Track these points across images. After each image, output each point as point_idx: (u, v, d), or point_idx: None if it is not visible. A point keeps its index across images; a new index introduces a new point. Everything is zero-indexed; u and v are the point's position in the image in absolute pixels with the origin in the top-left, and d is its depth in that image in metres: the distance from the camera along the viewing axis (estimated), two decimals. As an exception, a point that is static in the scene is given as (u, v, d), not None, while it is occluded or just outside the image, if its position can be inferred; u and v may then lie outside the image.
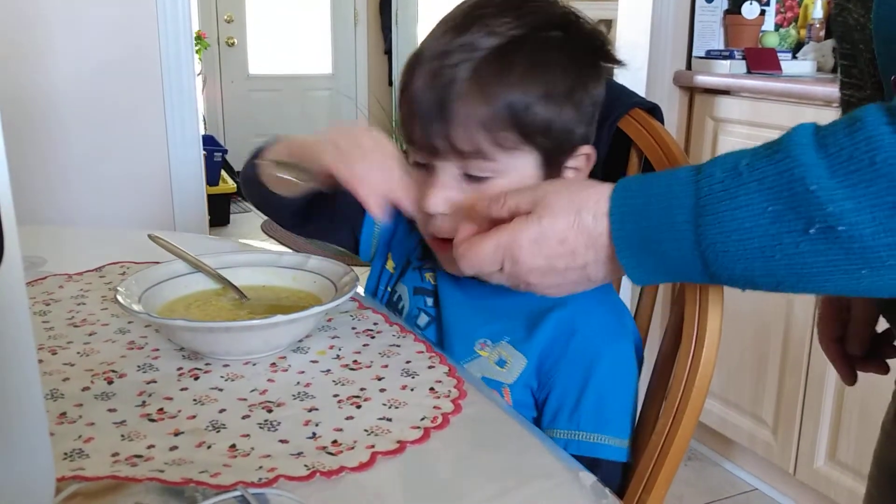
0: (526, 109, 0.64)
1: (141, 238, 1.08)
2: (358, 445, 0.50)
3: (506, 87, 0.63)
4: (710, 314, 0.63)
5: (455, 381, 0.60)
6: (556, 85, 0.64)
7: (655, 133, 0.72)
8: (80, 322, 0.71)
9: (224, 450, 0.50)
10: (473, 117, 0.63)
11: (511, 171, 0.65)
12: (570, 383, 0.66)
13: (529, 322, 0.68)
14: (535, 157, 0.66)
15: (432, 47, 0.66)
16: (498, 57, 0.63)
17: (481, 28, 0.64)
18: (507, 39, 0.64)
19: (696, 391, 0.62)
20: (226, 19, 5.06)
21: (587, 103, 0.67)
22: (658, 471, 0.63)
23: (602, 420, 0.66)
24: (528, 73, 0.63)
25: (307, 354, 0.65)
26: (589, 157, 0.69)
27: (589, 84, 0.67)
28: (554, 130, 0.65)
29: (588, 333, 0.67)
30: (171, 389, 0.58)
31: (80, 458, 0.48)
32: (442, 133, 0.64)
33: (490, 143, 0.64)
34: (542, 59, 0.64)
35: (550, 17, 0.66)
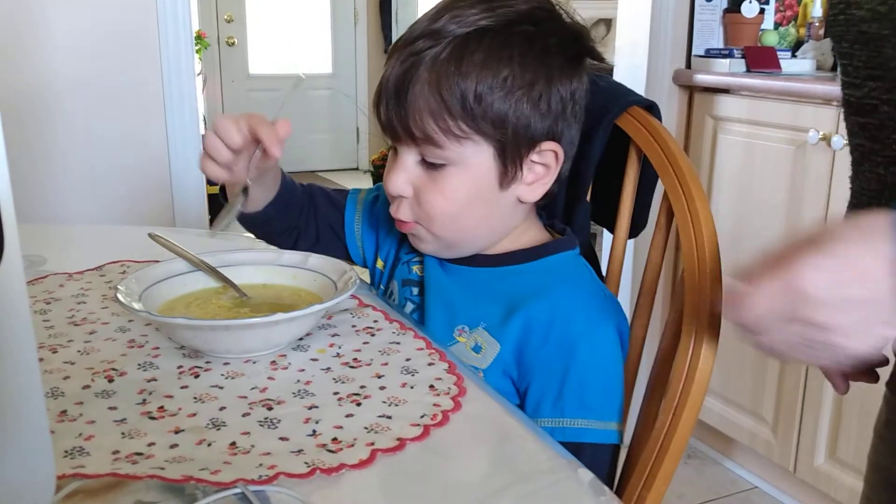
0: (477, 100, 0.65)
1: (141, 237, 1.08)
2: (358, 443, 0.51)
3: (460, 76, 0.64)
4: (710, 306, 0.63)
5: (455, 378, 0.60)
6: (513, 78, 0.65)
7: (654, 131, 0.72)
8: (81, 321, 0.71)
9: (224, 447, 0.50)
10: (425, 104, 0.65)
11: (464, 160, 0.67)
12: (552, 371, 0.66)
13: (507, 309, 0.69)
14: (488, 148, 0.67)
15: (407, 33, 0.68)
16: (458, 46, 0.65)
17: (452, 17, 0.66)
18: (473, 29, 0.65)
19: (696, 388, 0.63)
20: (226, 19, 5.06)
21: (553, 99, 0.67)
22: (658, 468, 0.63)
23: (585, 405, 0.66)
24: (484, 64, 0.64)
25: (307, 352, 0.65)
26: (556, 154, 0.69)
27: (555, 80, 0.67)
28: (509, 123, 0.66)
29: (568, 320, 0.67)
30: (171, 388, 0.58)
31: (81, 456, 0.48)
32: (398, 117, 0.67)
33: (440, 131, 0.66)
34: (502, 51, 0.65)
35: (524, 11, 0.67)
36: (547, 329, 0.67)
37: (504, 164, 0.67)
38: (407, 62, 0.66)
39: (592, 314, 0.68)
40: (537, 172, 0.69)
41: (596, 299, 0.70)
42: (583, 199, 0.77)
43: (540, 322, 0.67)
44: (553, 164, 0.69)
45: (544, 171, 0.69)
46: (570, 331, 0.67)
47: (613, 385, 0.68)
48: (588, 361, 0.66)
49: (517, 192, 0.69)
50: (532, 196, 0.70)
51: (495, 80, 0.64)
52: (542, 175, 0.69)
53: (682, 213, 0.67)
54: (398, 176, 0.69)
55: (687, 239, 0.66)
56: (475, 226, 0.70)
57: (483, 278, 0.72)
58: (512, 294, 0.69)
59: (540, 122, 0.67)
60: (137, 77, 1.87)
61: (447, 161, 0.67)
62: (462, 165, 0.67)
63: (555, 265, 0.71)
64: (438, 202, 0.68)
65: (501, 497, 0.47)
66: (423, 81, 0.65)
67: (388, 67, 0.68)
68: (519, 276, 0.71)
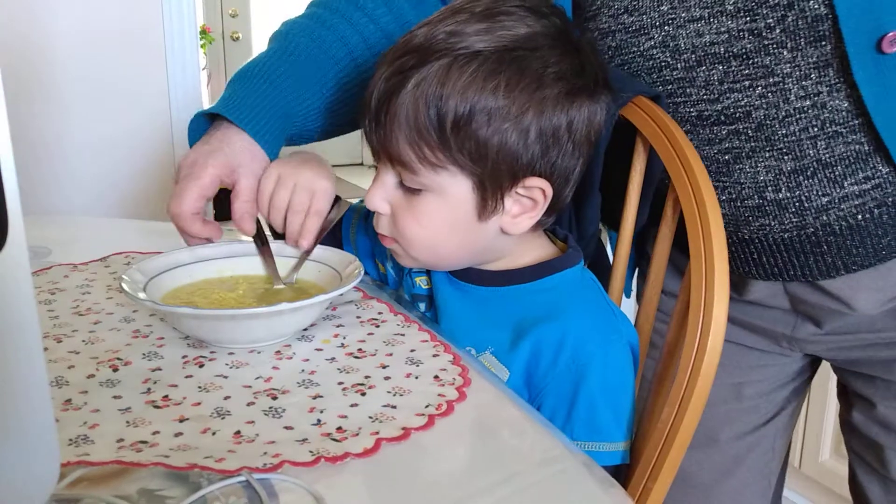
0: (455, 129, 0.61)
1: (145, 228, 1.08)
2: (362, 432, 0.50)
3: (440, 100, 0.60)
4: (715, 302, 0.63)
5: (460, 369, 0.60)
6: (498, 109, 0.60)
7: (661, 121, 0.71)
8: (85, 311, 0.71)
9: (229, 436, 0.50)
10: (402, 127, 0.62)
11: (440, 189, 0.64)
12: (561, 394, 0.64)
13: (515, 334, 0.67)
14: (466, 180, 0.63)
15: (400, 43, 0.64)
16: (443, 69, 0.60)
17: (448, 35, 0.61)
18: (463, 52, 0.61)
19: (702, 380, 0.62)
20: (230, 14, 5.06)
21: (543, 132, 0.62)
22: (663, 459, 0.63)
23: (594, 428, 0.64)
24: (467, 89, 0.60)
25: (312, 343, 0.65)
26: (544, 192, 0.65)
27: (548, 111, 0.62)
28: (489, 156, 0.62)
29: (578, 343, 0.65)
30: (176, 377, 0.58)
31: (86, 444, 0.48)
32: (377, 136, 0.65)
33: (414, 157, 0.63)
34: (488, 80, 0.60)
35: (523, 35, 0.62)
36: (556, 352, 0.65)
37: (483, 196, 0.64)
38: (391, 80, 0.62)
39: (602, 335, 0.66)
40: (524, 205, 0.66)
41: (605, 318, 0.68)
42: (595, 191, 0.77)
43: (549, 344, 0.65)
44: (541, 198, 0.65)
45: (531, 205, 0.65)
46: (581, 353, 0.64)
47: (624, 406, 0.66)
48: (598, 384, 0.64)
49: (500, 224, 0.66)
50: (516, 229, 0.66)
51: (477, 110, 0.60)
52: (529, 208, 0.66)
53: (689, 204, 0.66)
54: (376, 193, 0.67)
55: (694, 230, 0.66)
56: (453, 252, 0.68)
57: (489, 298, 0.70)
58: (519, 317, 0.67)
59: (525, 157, 0.62)
60: (143, 72, 1.87)
61: (424, 188, 0.64)
62: (438, 193, 0.64)
63: (561, 283, 0.69)
64: (412, 227, 0.66)
65: (505, 487, 0.46)
66: (401, 104, 0.62)
67: (374, 79, 0.64)
68: (525, 296, 0.69)
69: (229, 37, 5.10)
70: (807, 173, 0.69)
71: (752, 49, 0.66)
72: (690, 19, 0.68)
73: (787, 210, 0.71)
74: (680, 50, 0.70)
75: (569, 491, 0.48)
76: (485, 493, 0.46)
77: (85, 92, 1.81)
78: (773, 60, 0.66)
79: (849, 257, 0.71)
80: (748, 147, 0.70)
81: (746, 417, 0.89)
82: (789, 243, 0.72)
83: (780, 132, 0.68)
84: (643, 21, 0.70)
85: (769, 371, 0.88)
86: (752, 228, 0.73)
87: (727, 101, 0.69)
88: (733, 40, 0.67)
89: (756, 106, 0.68)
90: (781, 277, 0.75)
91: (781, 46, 0.65)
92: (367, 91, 0.65)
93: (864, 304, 0.73)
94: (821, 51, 0.64)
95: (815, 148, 0.67)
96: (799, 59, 0.65)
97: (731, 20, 0.67)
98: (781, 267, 0.74)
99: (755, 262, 0.76)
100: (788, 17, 0.64)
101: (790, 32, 0.64)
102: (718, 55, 0.68)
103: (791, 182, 0.69)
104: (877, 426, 0.79)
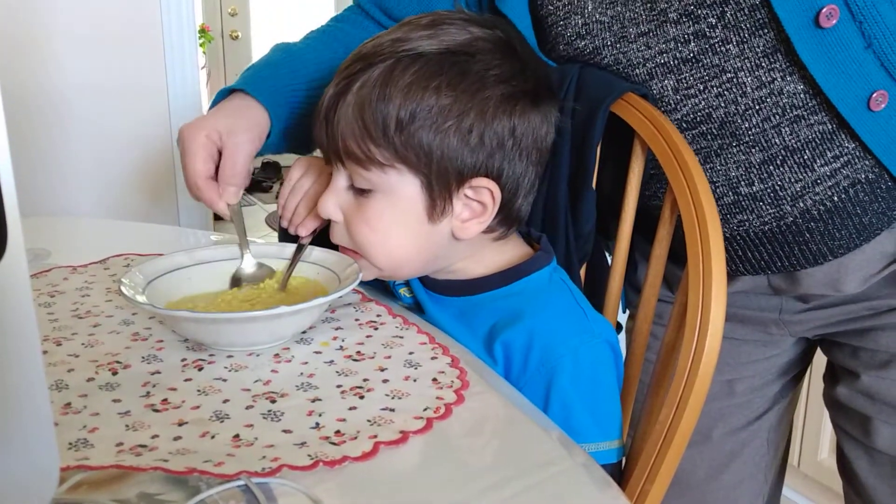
0: (398, 127, 0.62)
1: (145, 230, 1.09)
2: (361, 435, 0.51)
3: (382, 101, 0.62)
4: (713, 303, 0.63)
5: (458, 371, 0.60)
6: (440, 108, 0.62)
7: (657, 122, 0.71)
8: (85, 314, 0.71)
9: (228, 440, 0.50)
10: (349, 127, 0.64)
11: (390, 189, 0.65)
12: (534, 398, 0.64)
13: (488, 342, 0.67)
14: (414, 179, 0.65)
15: (350, 55, 0.67)
16: (387, 71, 0.63)
17: (393, 41, 0.64)
18: (409, 55, 0.63)
19: (700, 381, 0.62)
20: (230, 12, 5.06)
21: (486, 134, 0.63)
22: (661, 461, 0.63)
23: (572, 430, 0.63)
24: (409, 91, 0.62)
25: (311, 345, 0.65)
26: (491, 192, 0.65)
27: (490, 114, 0.63)
28: (434, 155, 0.63)
29: (545, 344, 0.64)
30: (175, 380, 0.58)
31: (85, 448, 0.49)
32: (328, 138, 0.66)
33: (363, 155, 0.64)
34: (430, 79, 0.62)
35: (465, 40, 0.64)
36: (525, 356, 0.65)
37: (432, 196, 0.65)
38: (340, 84, 0.65)
39: (571, 336, 0.65)
40: (473, 209, 0.66)
41: (573, 319, 0.67)
42: (589, 188, 0.77)
43: (517, 349, 0.65)
44: (489, 202, 0.66)
45: (481, 209, 0.66)
46: (549, 355, 0.64)
47: (602, 405, 0.65)
48: (570, 385, 0.64)
49: (450, 227, 0.67)
50: (466, 234, 0.67)
51: (419, 109, 0.62)
52: (478, 213, 0.66)
53: (687, 206, 0.67)
54: (328, 198, 0.68)
55: (692, 232, 0.66)
56: (409, 257, 0.68)
57: (463, 308, 0.70)
58: (489, 324, 0.67)
59: (469, 157, 0.64)
60: (141, 70, 1.87)
61: (373, 187, 0.65)
62: (388, 193, 0.65)
63: (528, 287, 0.69)
64: (364, 232, 0.67)
65: (504, 489, 0.47)
66: (348, 104, 0.64)
67: (326, 89, 0.67)
68: (494, 302, 0.69)
69: (228, 35, 5.10)
70: (776, 162, 0.69)
71: (698, 51, 0.67)
72: (639, 34, 0.70)
73: (763, 202, 0.72)
74: (633, 65, 0.71)
75: (566, 493, 0.48)
76: (481, 496, 0.46)
77: (81, 89, 1.81)
78: (721, 58, 0.67)
79: (833, 241, 0.71)
80: (715, 146, 0.71)
81: (739, 413, 0.90)
82: (771, 235, 0.73)
83: (744, 126, 0.69)
84: (596, 43, 0.72)
85: (760, 366, 0.88)
86: (731, 226, 0.74)
87: (685, 108, 0.70)
88: (680, 46, 0.68)
89: (715, 106, 0.69)
90: (769, 270, 0.76)
91: (727, 42, 0.66)
92: (319, 101, 0.67)
93: (850, 285, 0.74)
94: (765, 38, 0.65)
95: (780, 135, 0.68)
96: (747, 51, 0.66)
97: (674, 27, 0.68)
98: (767, 260, 0.75)
99: (740, 258, 0.76)
100: (727, 12, 0.65)
101: (732, 27, 0.65)
102: (668, 65, 0.69)
103: (762, 173, 0.70)
104: (861, 397, 0.79)
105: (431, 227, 0.67)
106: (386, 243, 0.67)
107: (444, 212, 0.66)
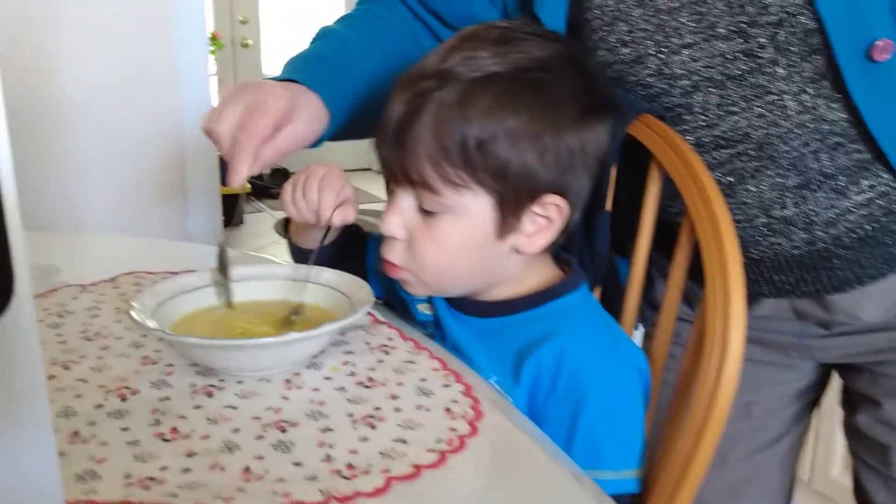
0: (479, 148, 0.62)
1: (155, 246, 1.08)
2: (373, 469, 0.50)
3: (463, 122, 0.62)
4: (732, 332, 0.62)
5: (471, 400, 0.59)
6: (519, 128, 0.62)
7: (674, 144, 0.70)
8: (94, 335, 0.70)
9: (238, 472, 0.49)
10: (425, 148, 0.63)
11: (461, 209, 0.64)
12: (560, 421, 0.63)
13: (516, 363, 0.66)
14: (487, 198, 0.64)
15: (415, 69, 0.65)
16: (465, 91, 0.62)
17: (462, 59, 0.63)
18: (482, 75, 0.62)
19: (719, 411, 0.61)
20: (240, 20, 5.08)
21: (560, 151, 0.64)
22: (678, 492, 0.62)
23: (596, 456, 0.63)
24: (489, 112, 0.62)
25: (321, 370, 0.64)
26: (560, 208, 0.66)
27: (564, 131, 0.64)
28: (510, 173, 0.63)
29: (575, 367, 0.64)
30: (184, 408, 0.57)
31: (93, 480, 0.48)
32: (396, 159, 0.65)
33: (438, 178, 0.63)
34: (509, 99, 0.62)
35: (538, 57, 0.64)
36: (554, 377, 0.64)
37: (503, 214, 0.65)
38: (411, 103, 0.63)
39: (601, 361, 0.65)
40: (539, 224, 0.66)
41: (604, 343, 0.67)
42: (604, 209, 0.76)
43: (546, 369, 0.64)
44: (556, 217, 0.66)
45: (546, 224, 0.66)
46: (578, 379, 0.63)
47: (628, 432, 0.64)
48: (598, 411, 0.63)
49: (515, 243, 0.67)
50: (531, 248, 0.67)
51: (499, 129, 0.62)
52: (543, 227, 0.66)
53: (705, 232, 0.65)
54: (393, 217, 0.67)
55: (709, 256, 0.64)
56: (466, 275, 0.68)
57: (489, 329, 0.69)
58: (519, 345, 0.66)
59: (544, 174, 0.64)
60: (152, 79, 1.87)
61: (443, 209, 0.65)
62: (458, 214, 0.65)
63: (560, 309, 0.68)
64: (430, 250, 0.66)
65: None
66: (424, 125, 0.63)
67: (390, 104, 0.65)
68: (524, 324, 0.68)
69: (239, 43, 5.11)
70: (811, 187, 0.69)
71: (746, 70, 0.66)
72: (683, 45, 0.68)
73: (796, 226, 0.71)
74: (675, 76, 0.70)
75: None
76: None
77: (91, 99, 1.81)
78: (768, 79, 0.66)
79: (861, 269, 0.71)
80: (751, 167, 0.70)
81: (755, 436, 0.89)
82: (800, 260, 0.72)
83: (782, 149, 0.68)
84: (639, 51, 0.71)
85: (778, 389, 0.87)
86: (761, 248, 0.73)
87: (726, 124, 0.69)
88: (727, 63, 0.67)
89: (755, 126, 0.68)
90: (793, 294, 0.75)
91: (775, 64, 0.65)
92: (384, 115, 0.66)
93: (872, 314, 0.73)
94: (814, 64, 0.64)
95: (817, 161, 0.67)
96: (794, 75, 0.65)
97: (724, 43, 0.66)
98: (793, 283, 0.74)
99: (766, 280, 0.75)
100: (779, 34, 0.64)
101: (783, 49, 0.64)
102: (713, 79, 0.68)
103: (797, 197, 0.69)
104: (881, 426, 0.78)
105: (496, 244, 0.66)
106: (447, 262, 0.67)
107: (513, 228, 0.66)
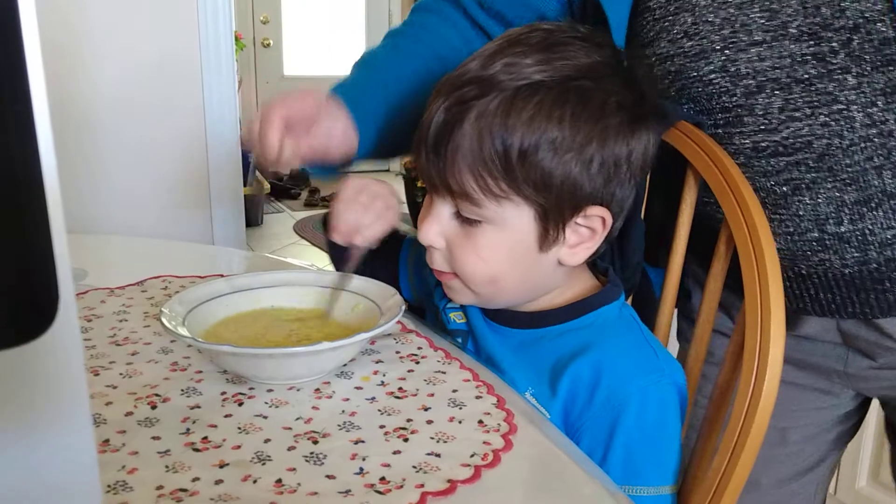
0: (521, 159, 0.60)
1: (181, 249, 1.08)
2: (407, 483, 0.49)
3: (505, 132, 0.59)
4: (772, 345, 0.61)
5: (504, 413, 0.58)
6: (563, 139, 0.59)
7: (713, 153, 0.69)
8: (123, 340, 0.70)
9: (270, 485, 0.48)
10: (465, 158, 0.61)
11: (501, 220, 0.63)
12: (597, 435, 0.62)
13: (553, 376, 0.64)
14: (529, 210, 0.62)
15: (456, 74, 0.63)
16: (507, 100, 0.60)
17: (505, 66, 0.61)
18: (526, 83, 0.60)
19: (756, 428, 0.60)
20: (262, 20, 5.09)
21: (606, 162, 0.61)
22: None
23: (632, 471, 0.61)
24: (533, 121, 0.59)
25: (351, 380, 0.63)
26: (604, 220, 0.64)
27: (610, 141, 0.61)
28: (554, 185, 0.61)
29: (613, 382, 0.62)
30: (215, 416, 0.57)
31: (125, 491, 0.47)
32: (436, 167, 0.63)
33: (478, 189, 0.61)
34: (553, 109, 0.59)
35: (584, 65, 0.61)
36: (591, 391, 0.62)
37: (545, 226, 0.63)
38: (451, 110, 0.61)
39: (639, 375, 0.63)
40: (582, 235, 0.65)
41: (642, 357, 0.65)
42: (638, 218, 0.75)
43: (584, 382, 0.63)
44: (599, 228, 0.64)
45: (589, 235, 0.65)
46: (617, 393, 0.62)
47: (665, 448, 0.63)
48: (635, 426, 0.61)
49: (558, 255, 0.65)
50: (574, 259, 0.65)
51: (542, 140, 0.59)
52: (586, 238, 0.65)
53: (745, 242, 0.64)
54: (430, 227, 0.65)
55: (749, 270, 0.63)
56: (513, 286, 0.66)
57: (525, 341, 0.68)
58: (556, 357, 0.65)
59: (588, 186, 0.62)
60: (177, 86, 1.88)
61: (484, 219, 0.63)
62: (499, 225, 0.63)
63: (597, 321, 0.67)
64: (471, 260, 0.64)
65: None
66: (465, 135, 0.60)
67: (431, 110, 0.63)
68: (561, 336, 0.67)
69: (260, 43, 5.13)
70: (871, 205, 0.65)
71: (815, 75, 0.63)
72: (752, 43, 0.65)
73: (850, 244, 0.67)
74: (740, 75, 0.66)
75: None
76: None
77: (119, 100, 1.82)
78: (837, 87, 0.63)
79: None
80: (808, 178, 0.67)
81: (790, 462, 0.86)
82: (850, 279, 0.69)
83: (844, 162, 0.65)
84: (703, 45, 0.67)
85: (817, 415, 0.84)
86: (810, 263, 0.70)
87: (787, 130, 0.66)
88: (796, 65, 0.64)
89: (818, 135, 0.65)
90: (838, 315, 0.72)
91: (846, 72, 0.62)
92: (423, 121, 0.64)
93: None
94: (888, 76, 0.61)
95: (880, 178, 0.64)
96: (864, 86, 0.62)
97: (794, 44, 0.63)
98: (840, 304, 0.71)
99: (812, 297, 0.73)
100: (854, 40, 0.61)
101: (856, 57, 0.61)
102: (780, 81, 0.65)
103: (854, 214, 0.66)
104: None
105: (539, 256, 0.65)
106: (493, 274, 0.65)
107: (556, 241, 0.64)
